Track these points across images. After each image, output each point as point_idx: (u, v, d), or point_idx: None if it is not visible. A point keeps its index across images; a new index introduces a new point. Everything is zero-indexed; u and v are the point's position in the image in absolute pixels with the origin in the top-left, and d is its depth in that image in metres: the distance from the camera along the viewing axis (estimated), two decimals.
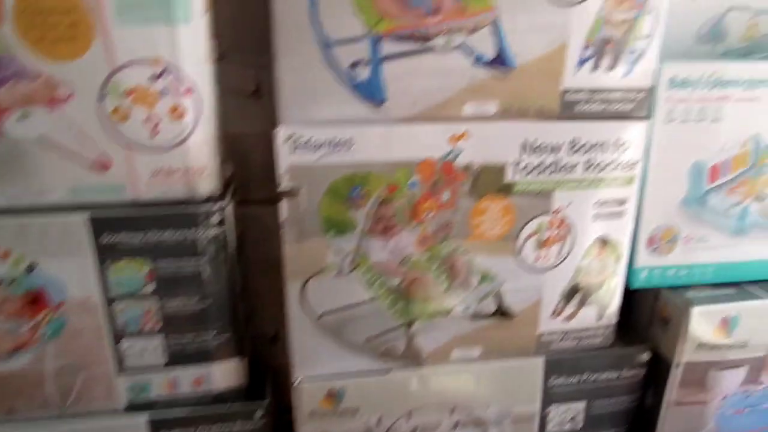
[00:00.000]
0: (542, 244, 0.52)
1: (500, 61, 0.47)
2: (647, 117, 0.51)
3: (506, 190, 0.50)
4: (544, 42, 0.47)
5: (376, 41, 0.45)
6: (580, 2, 0.46)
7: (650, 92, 0.50)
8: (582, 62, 0.48)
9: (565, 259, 0.53)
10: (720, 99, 0.51)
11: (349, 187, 0.47)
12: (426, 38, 0.45)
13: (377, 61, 0.45)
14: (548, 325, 0.55)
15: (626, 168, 0.51)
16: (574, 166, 0.50)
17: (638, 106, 0.50)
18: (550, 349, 0.56)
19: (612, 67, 0.49)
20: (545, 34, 0.47)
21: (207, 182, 0.48)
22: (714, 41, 0.55)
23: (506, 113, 0.48)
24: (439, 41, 0.46)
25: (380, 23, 0.44)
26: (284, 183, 0.46)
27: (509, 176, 0.49)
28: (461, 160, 0.48)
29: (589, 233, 0.53)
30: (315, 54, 0.45)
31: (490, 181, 0.49)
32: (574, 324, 0.56)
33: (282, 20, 0.43)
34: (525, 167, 0.49)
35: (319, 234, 0.48)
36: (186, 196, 0.47)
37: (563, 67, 0.48)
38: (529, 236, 0.51)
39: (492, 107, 0.48)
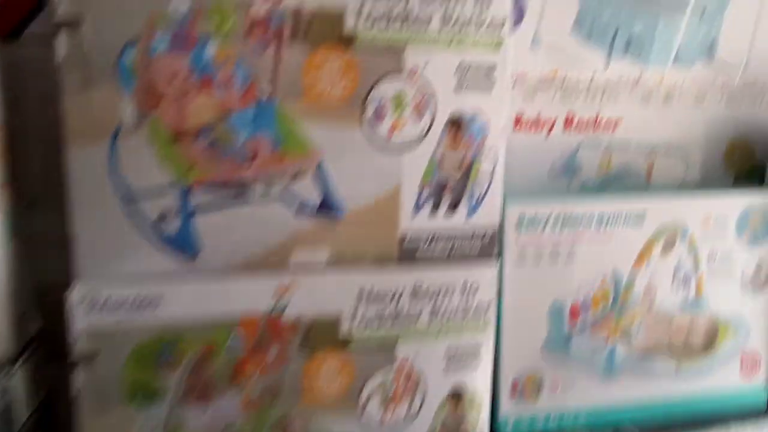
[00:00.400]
0: (388, 401, 0.47)
1: (327, 208, 0.44)
2: (496, 258, 0.48)
3: (342, 344, 0.45)
4: (375, 187, 0.44)
5: (186, 192, 0.41)
6: (408, 150, 0.45)
7: (496, 233, 0.48)
8: (419, 205, 0.46)
9: (417, 415, 0.48)
10: (572, 237, 0.50)
11: (158, 350, 0.42)
12: (242, 187, 0.42)
13: (187, 213, 0.42)
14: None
15: (477, 313, 0.48)
16: (418, 315, 0.46)
17: (485, 247, 0.48)
18: None
19: (452, 209, 0.46)
20: (375, 179, 0.44)
21: None
22: (569, 176, 0.53)
23: (339, 262, 0.45)
24: (256, 190, 0.42)
25: (190, 173, 0.41)
26: (79, 347, 0.41)
27: (345, 329, 0.45)
28: (289, 314, 0.44)
29: (441, 385, 0.48)
30: (116, 206, 0.40)
31: (323, 336, 0.45)
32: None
33: (77, 170, 0.39)
34: (362, 318, 0.45)
35: (123, 404, 0.42)
36: None
37: (399, 211, 0.45)
38: (373, 393, 0.47)
39: (322, 256, 0.45)
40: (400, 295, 0.46)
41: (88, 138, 0.39)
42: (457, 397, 0.49)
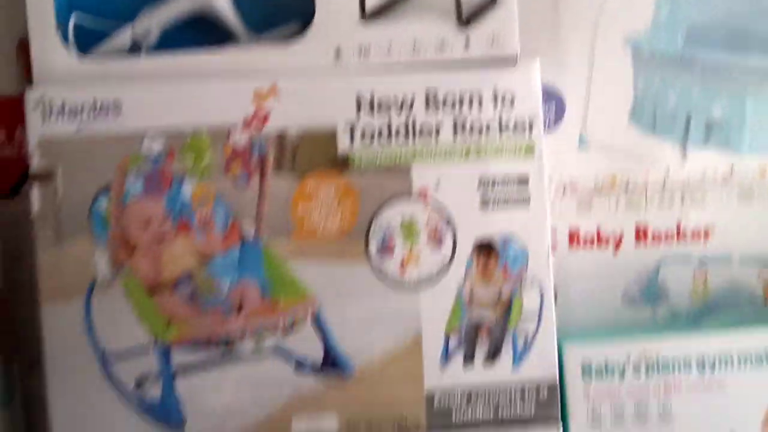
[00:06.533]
0: None
1: (332, 364, 0.37)
2: (559, 421, 0.38)
3: None
4: (389, 335, 0.36)
5: (166, 352, 0.36)
6: (427, 288, 0.37)
7: (556, 387, 0.38)
8: (448, 355, 0.37)
9: None
10: (665, 386, 0.38)
11: None
12: (228, 343, 0.36)
13: (168, 376, 0.36)
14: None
15: None
16: None
17: (542, 407, 0.37)
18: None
19: (492, 358, 0.37)
20: (388, 325, 0.36)
21: None
22: (651, 304, 0.42)
23: (353, 429, 0.37)
24: (245, 346, 0.36)
25: (168, 329, 0.36)
26: None
27: None
28: None
29: None
30: (94, 370, 0.36)
31: None
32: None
33: (51, 331, 0.35)
34: None
35: None
36: None
37: (422, 364, 0.37)
38: None
39: (331, 423, 0.37)
40: None
41: (61, 296, 0.36)
42: None
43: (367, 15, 0.37)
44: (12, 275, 0.41)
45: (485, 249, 0.37)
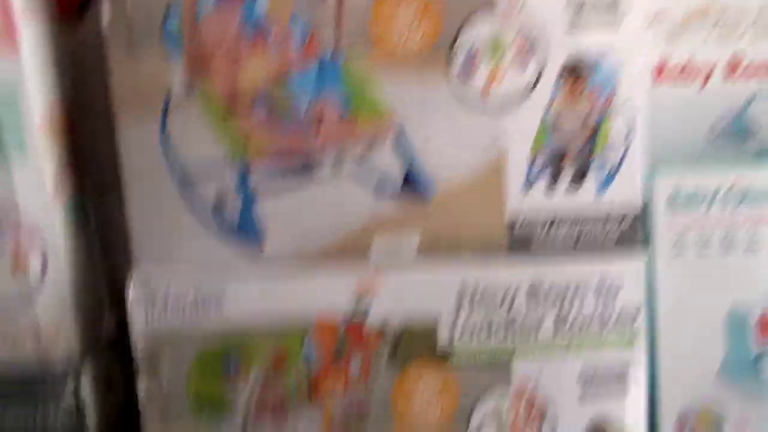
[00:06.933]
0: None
1: (413, 185, 0.36)
2: (643, 249, 0.37)
3: (442, 357, 0.36)
4: (472, 157, 0.35)
5: (244, 169, 0.36)
6: (511, 109, 0.36)
7: (641, 214, 0.37)
8: (531, 179, 0.36)
9: None
10: (753, 219, 0.37)
11: (223, 358, 0.37)
12: (308, 161, 0.36)
13: (248, 195, 0.36)
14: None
15: (620, 322, 0.36)
16: (539, 322, 0.36)
17: (625, 233, 0.36)
18: None
19: (577, 182, 0.36)
20: (471, 147, 0.35)
21: (62, 345, 0.39)
22: (738, 140, 0.41)
23: (433, 251, 0.37)
24: (325, 164, 0.36)
25: (247, 147, 0.35)
26: (141, 352, 0.37)
27: (444, 338, 0.36)
28: (374, 319, 0.36)
29: (576, 418, 0.37)
30: (172, 188, 0.36)
31: (417, 347, 0.36)
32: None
33: (128, 147, 0.35)
34: (466, 325, 0.36)
35: (189, 416, 0.36)
36: (34, 364, 0.39)
37: (505, 187, 0.36)
38: (484, 421, 0.37)
39: (411, 244, 0.37)
40: (514, 296, 0.36)
41: (137, 111, 0.35)
42: None
43: None
44: (81, 99, 0.40)
45: (573, 71, 0.35)
